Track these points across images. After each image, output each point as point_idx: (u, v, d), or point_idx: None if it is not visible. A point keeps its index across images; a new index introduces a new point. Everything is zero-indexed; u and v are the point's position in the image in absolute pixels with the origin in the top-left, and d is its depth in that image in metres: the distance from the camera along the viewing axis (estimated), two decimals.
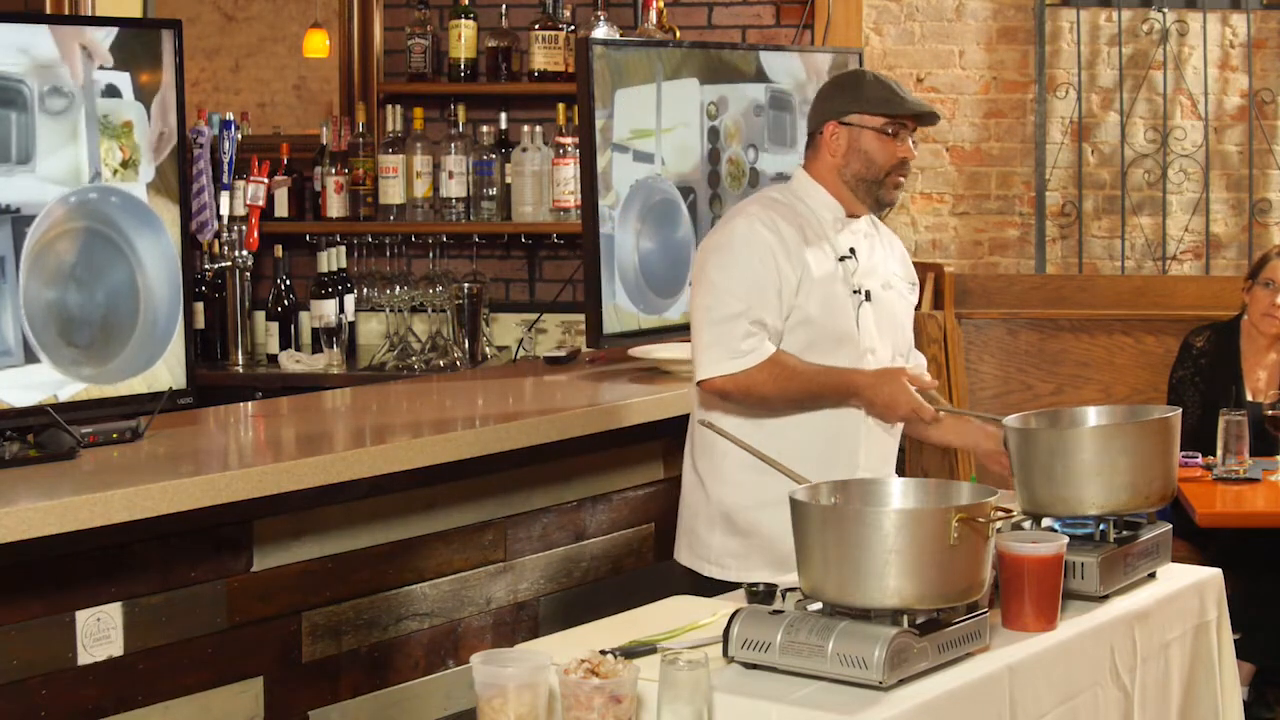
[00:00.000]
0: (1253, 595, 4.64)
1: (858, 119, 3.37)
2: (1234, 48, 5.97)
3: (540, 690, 2.34)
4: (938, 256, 6.11)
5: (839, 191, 3.43)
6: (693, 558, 3.51)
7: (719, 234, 3.41)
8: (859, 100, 3.37)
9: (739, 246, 3.34)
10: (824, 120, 3.41)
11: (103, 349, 3.36)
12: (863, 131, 3.37)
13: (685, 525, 3.57)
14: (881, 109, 3.36)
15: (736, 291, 3.31)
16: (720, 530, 3.46)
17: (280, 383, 5.41)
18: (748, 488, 3.40)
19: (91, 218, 3.33)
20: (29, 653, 3.04)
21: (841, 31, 5.91)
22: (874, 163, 3.38)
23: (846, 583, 2.49)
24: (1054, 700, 2.70)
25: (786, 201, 3.43)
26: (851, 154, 3.39)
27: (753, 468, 3.33)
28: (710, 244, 3.42)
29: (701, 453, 3.51)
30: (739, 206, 3.47)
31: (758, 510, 3.39)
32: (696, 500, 3.52)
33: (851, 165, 3.39)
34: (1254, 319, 5.08)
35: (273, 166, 5.73)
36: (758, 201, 3.45)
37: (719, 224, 3.47)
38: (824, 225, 3.42)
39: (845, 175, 3.40)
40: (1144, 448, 3.00)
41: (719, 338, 3.30)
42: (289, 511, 3.45)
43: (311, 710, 3.54)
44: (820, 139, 3.42)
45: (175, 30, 3.49)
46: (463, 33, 5.75)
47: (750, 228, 3.35)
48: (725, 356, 3.29)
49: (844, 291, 3.39)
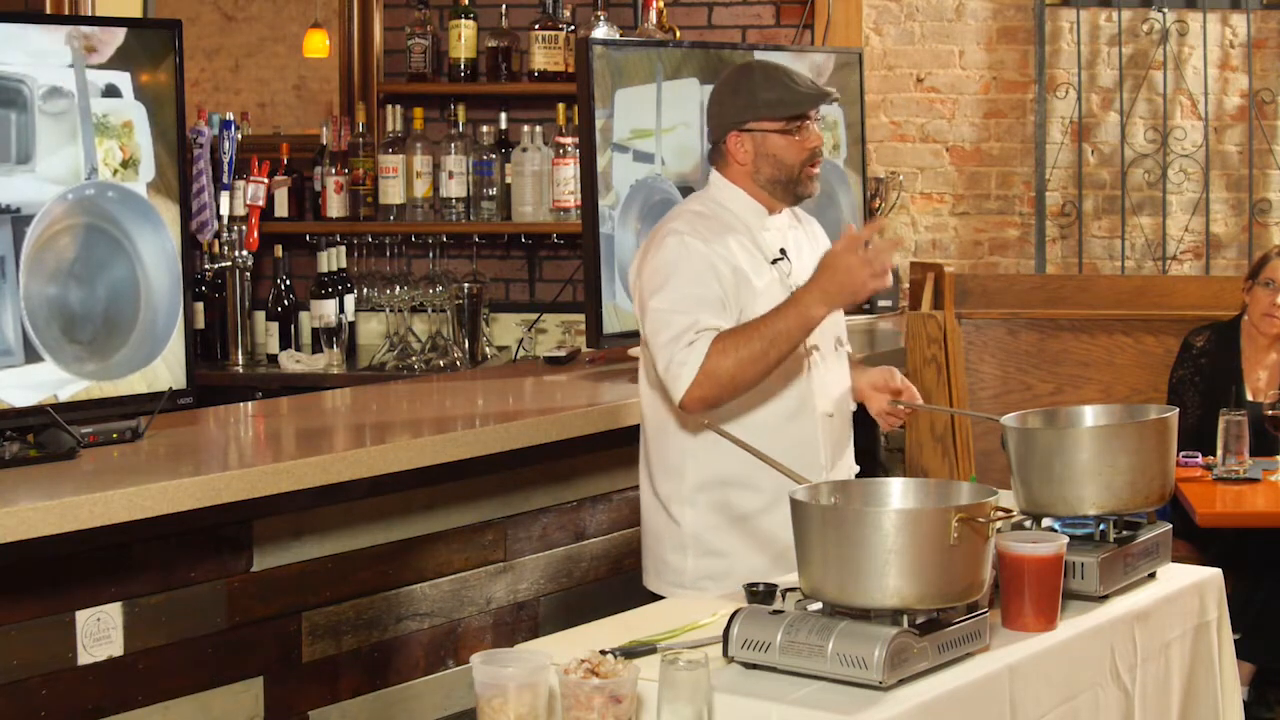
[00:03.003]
0: (1253, 595, 4.64)
1: (756, 125, 3.31)
2: (1234, 48, 5.97)
3: (540, 690, 2.34)
4: (938, 256, 6.12)
5: (756, 193, 3.37)
6: (664, 584, 3.41)
7: (652, 259, 3.30)
8: (753, 106, 3.30)
9: (673, 268, 3.25)
10: (724, 131, 3.34)
11: (105, 344, 3.36)
12: (766, 136, 3.31)
13: (651, 552, 3.47)
14: (772, 111, 3.29)
15: (676, 309, 3.22)
16: (693, 554, 3.37)
17: (280, 383, 5.41)
18: (713, 507, 3.34)
19: (90, 213, 3.33)
20: (29, 653, 3.04)
21: (841, 31, 5.91)
22: (784, 163, 3.32)
23: (846, 583, 2.49)
24: (1054, 700, 2.70)
25: (710, 212, 3.35)
26: (760, 159, 3.33)
27: (714, 485, 3.31)
28: (646, 270, 3.32)
29: (660, 475, 3.42)
30: (665, 226, 3.35)
31: (729, 529, 3.34)
32: (660, 525, 3.43)
33: (763, 170, 3.34)
34: (1254, 319, 5.07)
35: (273, 166, 5.73)
36: (682, 218, 3.34)
37: (649, 247, 3.35)
38: (751, 229, 3.35)
39: (759, 180, 3.35)
40: (1143, 447, 3.00)
41: (665, 364, 3.21)
42: (289, 511, 3.45)
43: (311, 710, 3.54)
44: (725, 148, 3.36)
45: (175, 31, 3.49)
46: (463, 33, 5.75)
47: (682, 244, 3.26)
48: (673, 379, 3.20)
49: (782, 295, 3.30)
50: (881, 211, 5.88)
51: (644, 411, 3.46)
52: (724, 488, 3.33)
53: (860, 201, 5.15)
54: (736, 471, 3.30)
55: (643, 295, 3.31)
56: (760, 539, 3.34)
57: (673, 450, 3.38)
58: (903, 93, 6.15)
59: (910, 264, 5.93)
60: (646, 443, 3.47)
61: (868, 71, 5.80)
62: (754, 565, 3.27)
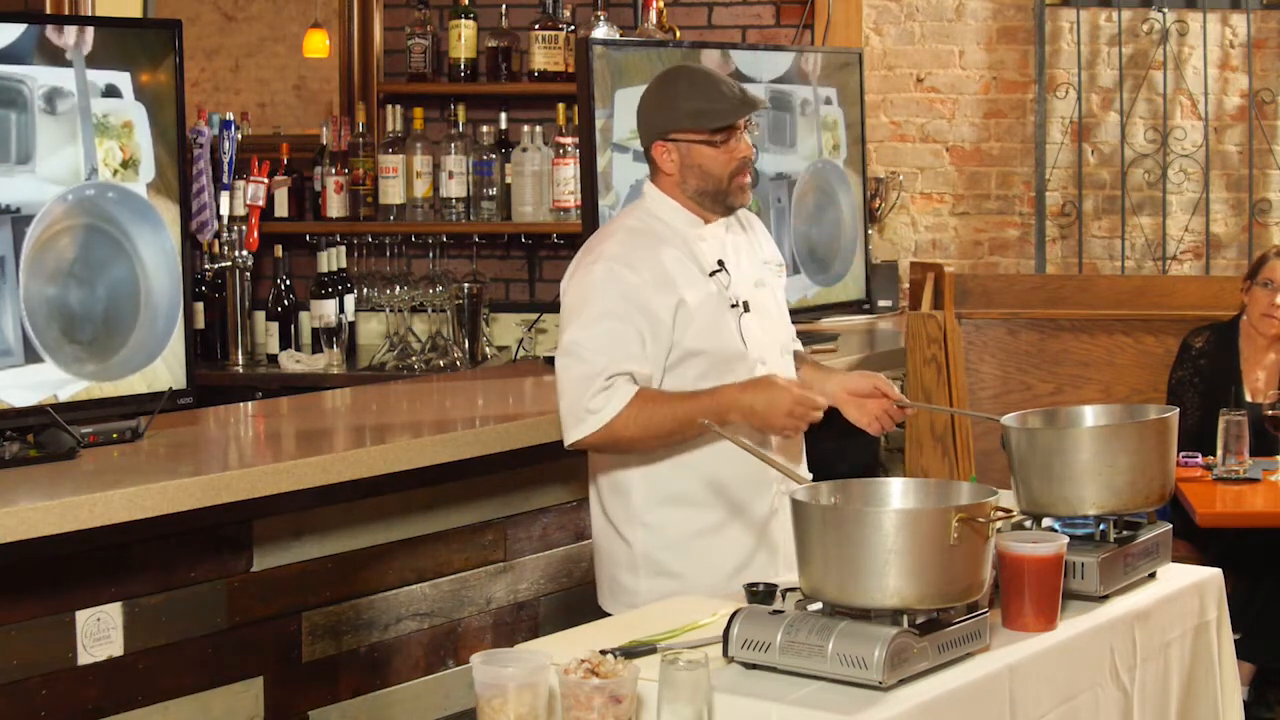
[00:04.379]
0: (1253, 595, 4.64)
1: (681, 136, 3.22)
2: (1234, 48, 5.97)
3: (540, 690, 2.34)
4: (938, 256, 6.12)
5: (686, 204, 3.28)
6: (619, 605, 3.32)
7: (579, 285, 3.21)
8: (675, 116, 3.21)
9: (598, 299, 3.16)
10: (650, 140, 3.26)
11: (105, 344, 3.36)
12: (691, 147, 3.22)
13: (605, 573, 3.39)
14: (695, 122, 3.20)
15: (593, 347, 3.14)
16: (645, 574, 3.29)
17: (280, 383, 5.41)
18: (664, 527, 3.27)
19: (90, 214, 3.33)
20: (29, 653, 3.04)
21: (841, 31, 5.91)
22: (711, 174, 3.23)
23: (846, 583, 2.49)
24: (1054, 700, 2.70)
25: (644, 226, 3.25)
26: (687, 170, 3.24)
27: (665, 503, 3.24)
28: (571, 292, 3.23)
29: (610, 496, 3.34)
30: (597, 247, 3.25)
31: (682, 547, 3.27)
32: (613, 547, 3.35)
33: (690, 181, 3.25)
34: (1253, 319, 5.07)
35: (273, 166, 5.73)
36: (615, 239, 3.24)
37: (578, 267, 3.25)
38: (687, 241, 3.26)
39: (687, 190, 3.26)
40: (1143, 447, 3.00)
41: (572, 402, 3.15)
42: (289, 511, 3.45)
43: (311, 710, 3.55)
44: (653, 157, 3.27)
45: (175, 31, 3.49)
46: (463, 33, 5.75)
47: (610, 274, 3.16)
48: (576, 421, 3.15)
49: (723, 309, 3.24)
50: (881, 212, 5.89)
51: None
52: (673, 507, 3.27)
53: (860, 202, 5.15)
54: (685, 491, 3.26)
55: (565, 321, 3.21)
56: (712, 559, 3.28)
57: (619, 471, 3.31)
58: (903, 93, 6.15)
59: (910, 264, 5.93)
60: (593, 463, 3.39)
61: (868, 71, 5.80)
62: (708, 584, 3.19)
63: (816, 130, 4.97)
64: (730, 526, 3.29)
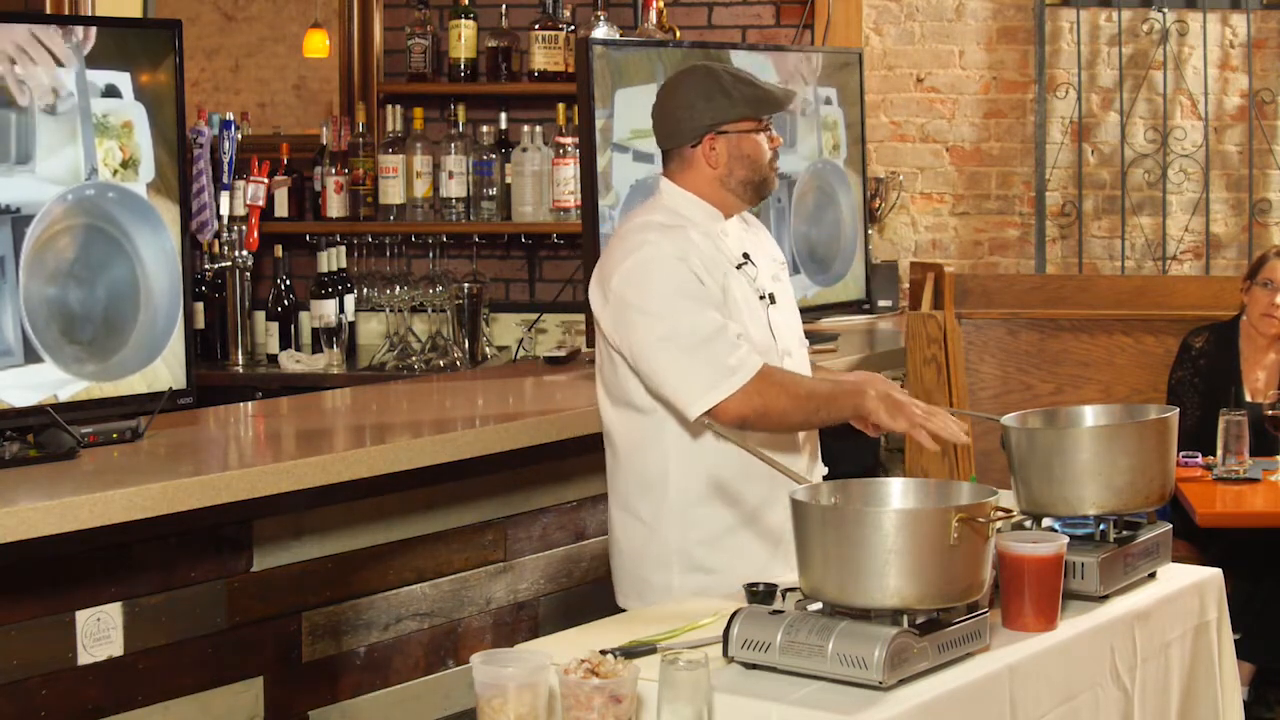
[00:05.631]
0: (1253, 595, 4.64)
1: (734, 126, 3.21)
2: (1234, 48, 5.97)
3: (540, 690, 2.34)
4: (938, 256, 6.12)
5: (717, 197, 3.25)
6: (649, 603, 3.21)
7: (632, 267, 3.13)
8: (731, 106, 3.20)
9: (664, 270, 3.10)
10: (699, 134, 3.21)
11: (105, 344, 3.36)
12: (743, 137, 3.22)
13: (628, 572, 3.31)
14: (756, 110, 3.21)
15: (697, 310, 3.07)
16: (679, 570, 3.24)
17: (280, 383, 5.41)
18: (701, 523, 3.23)
19: (90, 214, 3.33)
20: (29, 653, 3.04)
21: (841, 31, 5.92)
22: (759, 163, 3.23)
23: (846, 583, 2.49)
24: (1054, 700, 2.70)
25: (672, 224, 3.20)
26: (734, 162, 3.22)
27: (702, 498, 3.22)
28: (627, 278, 3.13)
29: (639, 493, 3.26)
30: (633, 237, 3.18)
31: (719, 542, 3.24)
32: (637, 543, 3.27)
33: (736, 173, 3.23)
34: (1253, 319, 5.07)
35: (273, 166, 5.73)
36: (651, 229, 3.17)
37: (616, 255, 3.17)
38: (713, 237, 3.24)
39: (730, 184, 3.23)
40: (1143, 447, 3.00)
41: (705, 361, 3.04)
42: (289, 511, 3.45)
43: (311, 710, 3.55)
44: (694, 152, 3.22)
45: (175, 31, 3.49)
46: (463, 33, 5.76)
47: (661, 251, 3.11)
48: (712, 384, 3.04)
49: (753, 300, 3.24)
50: (881, 212, 5.89)
51: (611, 430, 3.29)
52: (709, 502, 3.24)
53: (860, 202, 5.15)
54: (721, 485, 3.24)
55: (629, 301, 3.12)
56: (746, 553, 3.26)
57: (653, 466, 3.24)
58: (903, 93, 6.15)
59: (910, 264, 5.93)
60: (617, 461, 3.31)
61: (868, 71, 5.80)
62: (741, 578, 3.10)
63: (816, 130, 4.97)
64: (762, 519, 3.28)
